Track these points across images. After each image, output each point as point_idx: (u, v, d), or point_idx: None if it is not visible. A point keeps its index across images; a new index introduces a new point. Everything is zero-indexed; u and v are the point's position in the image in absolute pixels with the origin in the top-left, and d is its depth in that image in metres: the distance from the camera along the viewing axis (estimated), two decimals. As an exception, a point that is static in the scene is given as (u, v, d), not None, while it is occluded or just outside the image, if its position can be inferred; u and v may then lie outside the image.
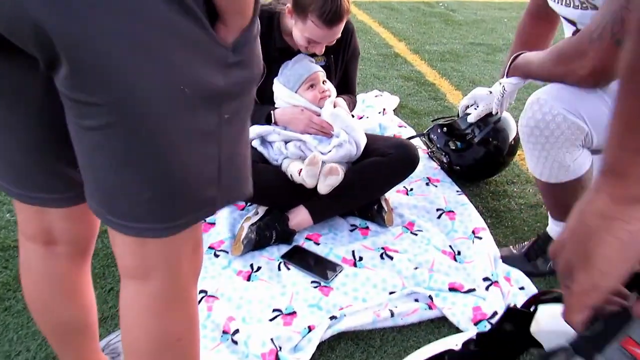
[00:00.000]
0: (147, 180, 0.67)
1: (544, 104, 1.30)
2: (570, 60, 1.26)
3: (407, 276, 1.51)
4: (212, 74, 0.65)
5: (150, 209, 0.69)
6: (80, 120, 0.64)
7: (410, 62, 3.49)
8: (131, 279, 0.78)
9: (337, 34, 1.68)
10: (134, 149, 0.64)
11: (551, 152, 1.33)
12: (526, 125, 1.34)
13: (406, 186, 1.97)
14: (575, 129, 1.29)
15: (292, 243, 1.65)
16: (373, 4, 5.18)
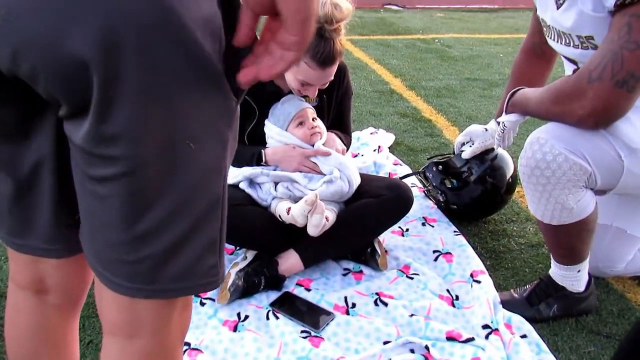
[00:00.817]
0: (147, 238, 0.64)
1: (544, 144, 1.25)
2: (569, 99, 1.21)
3: (403, 324, 1.43)
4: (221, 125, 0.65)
5: (148, 269, 0.66)
6: (89, 169, 0.61)
7: (406, 99, 3.47)
8: (116, 336, 0.73)
9: (330, 76, 1.65)
10: (137, 205, 0.62)
11: (553, 193, 1.27)
12: (526, 165, 1.29)
13: (402, 227, 1.91)
14: (577, 170, 1.23)
15: (281, 289, 1.57)
16: (369, 42, 5.22)
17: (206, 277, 0.70)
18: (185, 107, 0.59)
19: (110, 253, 0.66)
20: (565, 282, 1.46)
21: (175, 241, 0.65)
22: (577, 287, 1.47)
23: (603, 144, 1.23)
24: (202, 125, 0.62)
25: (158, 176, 0.61)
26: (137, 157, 0.59)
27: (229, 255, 1.72)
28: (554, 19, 1.35)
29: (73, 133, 0.60)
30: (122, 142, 0.58)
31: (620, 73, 1.12)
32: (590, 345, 1.41)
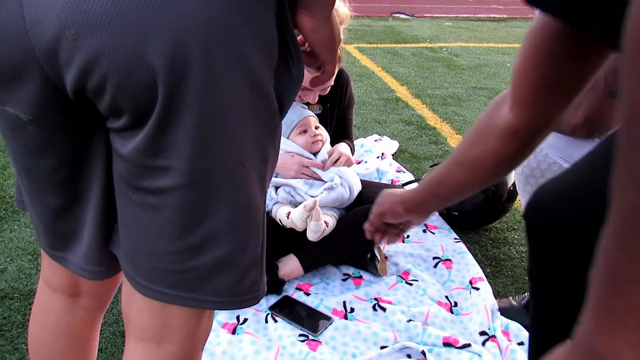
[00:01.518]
0: (196, 251, 0.66)
1: (539, 152, 1.26)
2: None
3: (400, 329, 1.44)
4: (267, 143, 0.67)
5: (195, 280, 0.67)
6: (139, 181, 0.63)
7: (412, 107, 3.49)
8: (144, 342, 0.74)
9: (329, 81, 1.67)
10: (189, 218, 0.64)
11: (546, 200, 1.27)
12: (521, 173, 1.30)
13: (403, 233, 1.92)
14: None
15: (281, 293, 1.59)
16: (377, 49, 5.25)
17: (249, 293, 0.71)
18: (240, 124, 0.61)
19: (155, 262, 0.67)
20: (563, 290, 1.46)
21: (222, 256, 0.66)
22: (576, 295, 1.47)
23: None
24: (252, 142, 0.64)
25: (210, 192, 0.63)
26: (192, 171, 0.61)
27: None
28: None
29: (123, 145, 0.62)
30: (179, 154, 0.60)
31: (613, 84, 1.13)
32: None
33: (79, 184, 0.71)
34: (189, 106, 0.57)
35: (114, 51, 0.54)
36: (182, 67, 0.55)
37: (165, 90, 0.56)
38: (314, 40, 0.71)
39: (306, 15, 0.68)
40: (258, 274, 0.72)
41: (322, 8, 0.67)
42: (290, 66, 0.66)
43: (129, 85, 0.56)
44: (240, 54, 0.58)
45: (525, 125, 0.80)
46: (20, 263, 1.71)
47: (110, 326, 1.46)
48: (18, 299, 1.54)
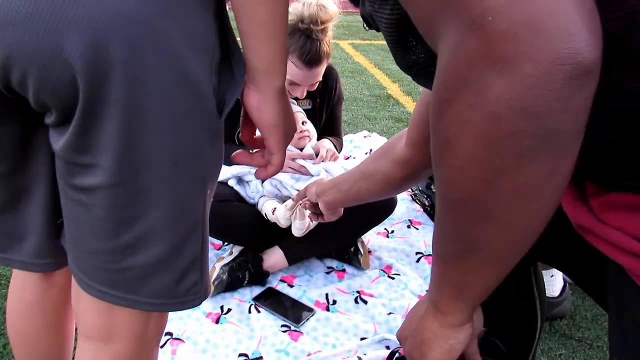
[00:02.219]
0: (129, 250, 0.65)
1: None
2: None
3: (380, 322, 1.48)
4: (203, 143, 0.65)
5: (130, 280, 0.68)
6: (71, 178, 0.63)
7: (402, 104, 3.52)
8: (91, 340, 0.74)
9: (317, 77, 1.69)
10: (120, 217, 0.63)
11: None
12: None
13: (387, 228, 1.95)
14: None
15: (265, 285, 1.62)
16: (370, 46, 5.28)
17: (187, 295, 0.71)
18: (171, 124, 0.60)
19: (92, 260, 0.67)
20: (539, 286, 1.51)
21: (157, 257, 0.66)
22: (551, 292, 1.51)
23: None
24: (186, 143, 0.62)
25: (141, 191, 0.62)
26: (119, 170, 0.60)
27: (215, 250, 1.77)
28: None
29: (56, 141, 0.62)
30: (106, 152, 0.59)
31: None
32: (562, 348, 1.45)
33: (20, 180, 0.71)
34: (113, 105, 0.57)
35: (30, 47, 0.54)
36: (103, 65, 0.55)
37: (86, 88, 0.56)
38: (258, 119, 0.69)
39: (252, 88, 0.67)
40: (199, 276, 0.71)
41: (268, 82, 0.65)
42: (233, 66, 0.65)
43: (49, 82, 0.56)
44: (171, 54, 0.57)
45: (412, 160, 0.98)
46: None
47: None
48: (5, 286, 1.56)
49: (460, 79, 0.39)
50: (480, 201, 0.44)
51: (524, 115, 0.37)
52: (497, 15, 0.36)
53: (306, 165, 1.71)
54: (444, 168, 0.46)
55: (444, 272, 0.56)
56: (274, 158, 0.72)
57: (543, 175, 0.41)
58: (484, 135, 0.39)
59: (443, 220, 0.52)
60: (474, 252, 0.50)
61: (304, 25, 1.58)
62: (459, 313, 0.58)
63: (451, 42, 0.39)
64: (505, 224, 0.45)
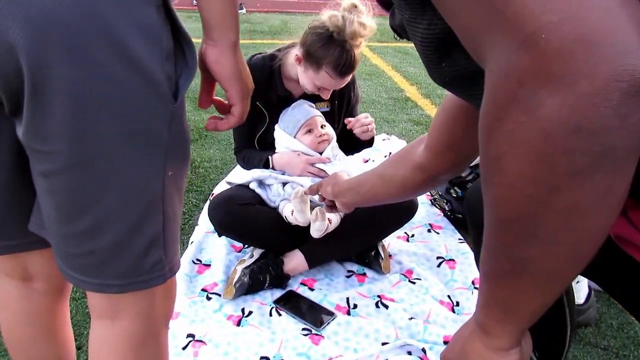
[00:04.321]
0: (89, 234, 0.68)
1: None
2: None
3: (402, 327, 1.47)
4: (158, 126, 0.67)
5: (93, 264, 0.71)
6: (36, 165, 0.66)
7: (421, 106, 3.50)
8: (101, 319, 0.78)
9: (346, 82, 1.70)
10: (78, 202, 0.66)
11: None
12: None
13: (407, 232, 1.94)
14: None
15: (286, 288, 1.62)
16: (387, 48, 5.26)
17: (151, 273, 0.74)
18: (120, 109, 0.62)
19: (62, 246, 0.71)
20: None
21: (117, 239, 0.69)
22: (576, 299, 1.49)
23: None
24: (139, 126, 0.65)
25: (96, 175, 0.65)
26: (73, 155, 0.63)
27: (236, 252, 1.78)
28: None
29: (18, 129, 0.65)
30: (57, 139, 0.62)
31: None
32: (587, 356, 1.43)
33: None
34: (58, 90, 0.59)
35: None
36: (45, 49, 0.57)
37: (30, 74, 0.58)
38: (217, 72, 0.74)
39: (210, 44, 0.72)
40: (161, 253, 0.74)
41: (223, 35, 0.71)
42: (186, 54, 0.69)
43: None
44: (116, 41, 0.59)
45: (431, 165, 0.98)
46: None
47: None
48: None
49: (511, 96, 0.39)
50: (531, 220, 0.43)
51: (578, 132, 0.37)
52: (550, 33, 0.36)
53: (325, 168, 1.71)
54: (494, 186, 0.45)
55: (492, 293, 0.54)
56: (234, 109, 0.79)
57: (598, 193, 0.40)
58: (536, 153, 0.39)
59: (491, 239, 0.51)
60: (523, 272, 0.48)
61: (340, 38, 1.57)
62: (507, 336, 0.55)
63: (502, 60, 0.39)
64: (557, 243, 0.44)
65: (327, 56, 1.58)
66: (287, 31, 5.86)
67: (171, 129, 0.68)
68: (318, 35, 1.59)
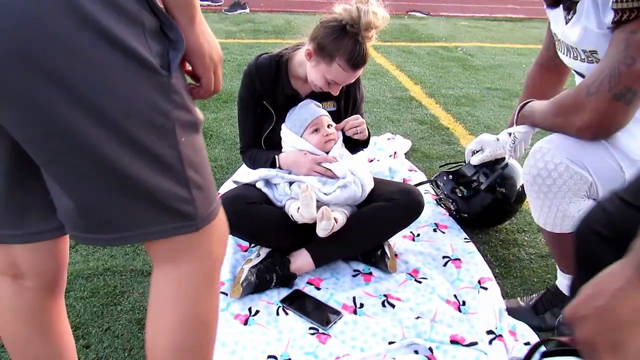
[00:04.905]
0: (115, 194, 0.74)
1: (547, 153, 1.28)
2: (568, 112, 1.25)
3: (409, 326, 1.47)
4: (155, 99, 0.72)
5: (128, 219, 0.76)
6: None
7: (425, 106, 3.50)
8: (161, 263, 0.83)
9: (356, 76, 1.70)
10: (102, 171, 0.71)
11: (554, 201, 1.30)
12: (528, 173, 1.32)
13: (413, 231, 1.94)
14: (578, 179, 1.26)
15: (292, 287, 1.62)
16: (392, 48, 5.25)
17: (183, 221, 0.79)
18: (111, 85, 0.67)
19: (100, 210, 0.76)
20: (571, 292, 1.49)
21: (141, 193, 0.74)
22: None
23: (605, 155, 1.25)
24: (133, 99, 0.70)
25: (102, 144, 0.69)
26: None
27: (242, 252, 1.78)
28: (563, 33, 1.38)
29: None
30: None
31: (617, 87, 1.14)
32: (594, 355, 1.43)
33: None
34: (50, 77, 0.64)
35: None
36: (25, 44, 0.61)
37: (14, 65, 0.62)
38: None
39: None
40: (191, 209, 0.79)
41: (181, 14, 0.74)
42: (166, 31, 0.73)
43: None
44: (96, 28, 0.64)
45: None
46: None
47: (126, 313, 1.50)
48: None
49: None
50: None
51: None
52: None
53: (332, 168, 1.72)
54: None
55: None
56: (201, 81, 0.82)
57: None
58: None
59: None
60: None
61: (353, 30, 1.58)
62: None
63: None
64: None
65: (341, 48, 1.58)
66: (291, 31, 5.85)
67: (168, 98, 0.73)
68: (331, 28, 1.59)
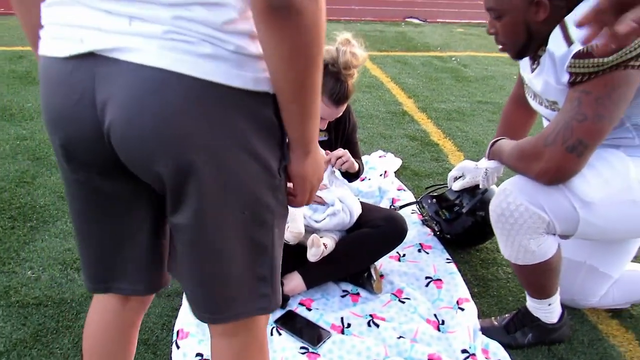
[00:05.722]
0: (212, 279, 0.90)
1: (509, 194, 1.43)
2: (529, 159, 1.39)
3: (391, 345, 1.61)
4: (267, 197, 0.87)
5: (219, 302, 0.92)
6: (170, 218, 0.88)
7: (417, 121, 3.64)
8: (222, 336, 0.99)
9: (341, 111, 1.84)
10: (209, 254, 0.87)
11: (516, 237, 1.44)
12: (494, 211, 1.47)
13: (399, 252, 2.08)
14: (536, 219, 1.40)
15: (286, 308, 1.76)
16: (387, 58, 5.39)
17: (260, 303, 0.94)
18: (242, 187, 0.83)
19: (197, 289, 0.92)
20: (538, 314, 1.63)
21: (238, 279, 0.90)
22: (550, 319, 1.63)
23: (560, 197, 1.39)
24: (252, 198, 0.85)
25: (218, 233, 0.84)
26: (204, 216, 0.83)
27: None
28: (529, 80, 1.52)
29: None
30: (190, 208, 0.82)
31: (570, 140, 1.28)
32: (559, 371, 1.57)
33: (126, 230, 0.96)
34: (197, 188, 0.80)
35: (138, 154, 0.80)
36: (186, 173, 0.78)
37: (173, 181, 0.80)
38: (288, 169, 0.90)
39: (290, 147, 0.88)
40: (269, 290, 0.94)
41: (299, 148, 0.87)
42: (284, 148, 0.88)
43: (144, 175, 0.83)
44: (245, 147, 0.80)
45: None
46: (52, 272, 1.90)
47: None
48: (51, 307, 1.73)
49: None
50: None
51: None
52: None
53: (322, 194, 1.86)
54: None
55: None
56: (298, 198, 0.95)
57: None
58: None
59: None
60: None
61: (334, 69, 1.72)
62: None
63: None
64: None
65: (322, 86, 1.72)
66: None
67: (276, 197, 0.88)
68: None
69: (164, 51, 0.73)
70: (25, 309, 1.71)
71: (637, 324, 1.79)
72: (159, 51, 0.73)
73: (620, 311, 1.84)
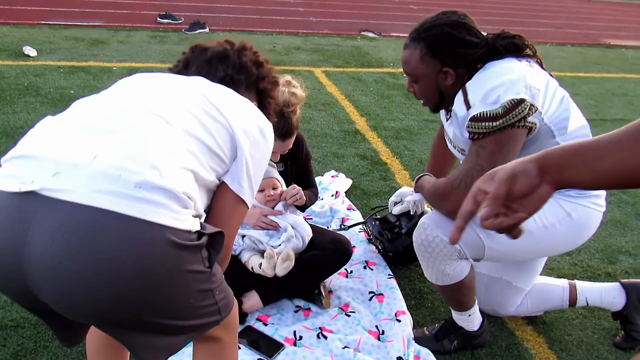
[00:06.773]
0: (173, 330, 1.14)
1: (427, 228, 1.70)
2: (441, 198, 1.67)
3: (337, 354, 1.85)
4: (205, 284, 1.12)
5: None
6: None
7: (368, 140, 3.90)
8: (201, 342, 1.29)
9: (289, 145, 2.07)
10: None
11: (435, 263, 1.72)
12: (415, 241, 1.74)
13: (347, 268, 2.33)
14: (450, 248, 1.68)
15: (244, 323, 1.98)
16: (342, 74, 5.64)
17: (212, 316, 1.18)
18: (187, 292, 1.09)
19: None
20: (462, 323, 1.90)
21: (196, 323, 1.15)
22: (472, 327, 1.91)
23: (469, 229, 1.66)
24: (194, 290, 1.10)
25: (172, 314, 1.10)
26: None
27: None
28: (446, 127, 1.81)
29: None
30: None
31: (471, 185, 1.56)
32: (479, 373, 1.85)
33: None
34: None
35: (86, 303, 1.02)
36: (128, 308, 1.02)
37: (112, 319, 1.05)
38: None
39: None
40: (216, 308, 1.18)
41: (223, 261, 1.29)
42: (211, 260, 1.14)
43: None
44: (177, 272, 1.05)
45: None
46: (27, 295, 2.05)
47: (106, 352, 1.83)
48: (29, 328, 1.89)
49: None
50: None
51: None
52: None
53: (276, 220, 2.08)
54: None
55: None
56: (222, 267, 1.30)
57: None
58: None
59: None
60: None
61: (277, 107, 1.95)
62: None
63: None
64: None
65: None
66: (249, 54, 6.20)
67: (210, 280, 1.13)
68: None
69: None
70: (3, 330, 1.87)
71: (548, 329, 2.10)
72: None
73: (535, 318, 2.14)
